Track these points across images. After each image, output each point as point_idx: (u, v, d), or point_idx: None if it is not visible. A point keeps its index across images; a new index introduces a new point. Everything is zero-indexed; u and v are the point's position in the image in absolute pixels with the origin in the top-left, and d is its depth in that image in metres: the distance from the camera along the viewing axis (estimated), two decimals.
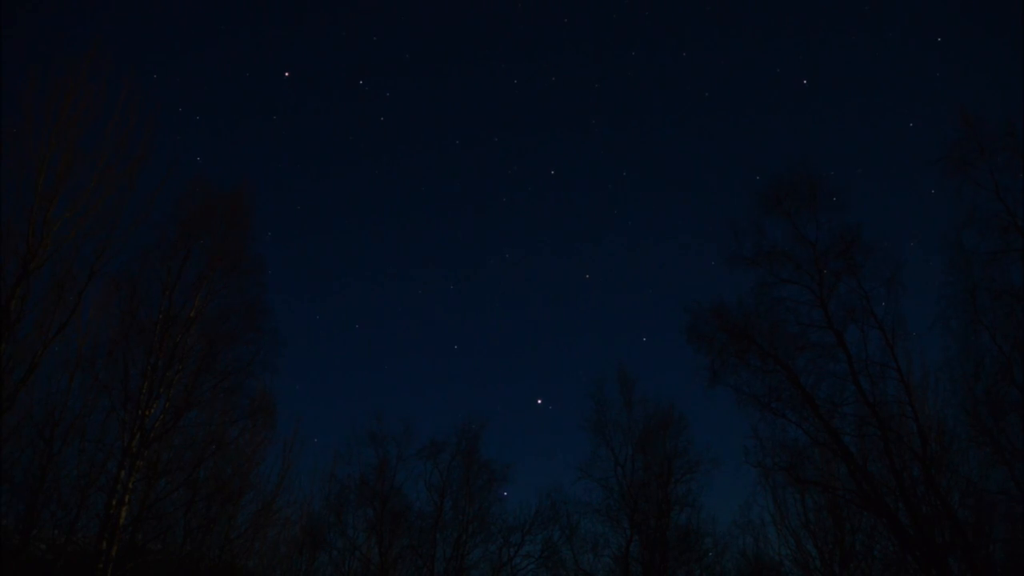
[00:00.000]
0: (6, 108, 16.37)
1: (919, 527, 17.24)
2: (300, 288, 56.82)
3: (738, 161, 57.22)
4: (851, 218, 19.90)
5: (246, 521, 23.71)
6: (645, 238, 60.55)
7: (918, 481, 18.25)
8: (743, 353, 19.70)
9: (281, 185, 57.40)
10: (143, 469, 17.76)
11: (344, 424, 53.94)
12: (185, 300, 19.36)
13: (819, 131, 55.48)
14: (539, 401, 31.13)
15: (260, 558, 25.43)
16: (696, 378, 20.46)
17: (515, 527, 28.32)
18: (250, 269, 20.68)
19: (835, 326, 18.99)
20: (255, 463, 24.24)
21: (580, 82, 59.71)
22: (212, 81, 54.83)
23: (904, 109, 53.08)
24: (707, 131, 61.38)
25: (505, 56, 57.67)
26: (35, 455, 17.67)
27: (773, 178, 20.76)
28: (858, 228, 19.44)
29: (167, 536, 20.14)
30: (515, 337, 59.87)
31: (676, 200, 62.28)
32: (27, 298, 15.62)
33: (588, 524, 28.85)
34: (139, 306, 18.91)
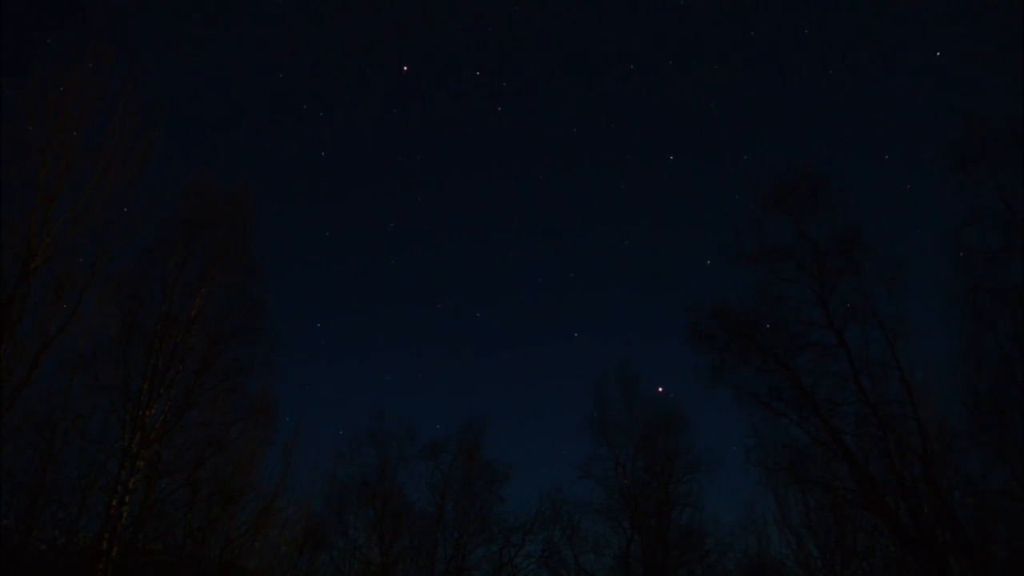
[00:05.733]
0: (6, 108, 16.39)
1: (920, 527, 17.20)
2: (301, 288, 56.87)
3: (740, 159, 57.14)
4: (852, 217, 19.70)
5: (246, 521, 23.73)
6: (646, 236, 60.58)
7: (919, 481, 18.20)
8: (744, 352, 19.64)
9: (283, 184, 57.43)
10: (143, 469, 17.75)
11: (345, 424, 54.01)
12: (185, 300, 19.36)
13: (821, 130, 55.47)
14: (660, 389, 30.50)
15: (260, 558, 25.44)
16: (697, 377, 20.30)
17: (516, 527, 28.36)
18: (251, 269, 20.71)
19: (836, 325, 18.93)
20: (255, 463, 24.29)
21: (579, 85, 59.74)
22: (215, 80, 54.83)
23: (906, 108, 53.08)
24: (709, 129, 61.42)
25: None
26: (35, 455, 17.68)
27: (775, 177, 20.66)
28: (859, 227, 19.42)
29: (167, 536, 20.14)
30: (516, 337, 59.91)
31: (678, 198, 62.30)
32: (27, 298, 15.62)
33: (589, 524, 28.87)
34: (139, 306, 18.91)
